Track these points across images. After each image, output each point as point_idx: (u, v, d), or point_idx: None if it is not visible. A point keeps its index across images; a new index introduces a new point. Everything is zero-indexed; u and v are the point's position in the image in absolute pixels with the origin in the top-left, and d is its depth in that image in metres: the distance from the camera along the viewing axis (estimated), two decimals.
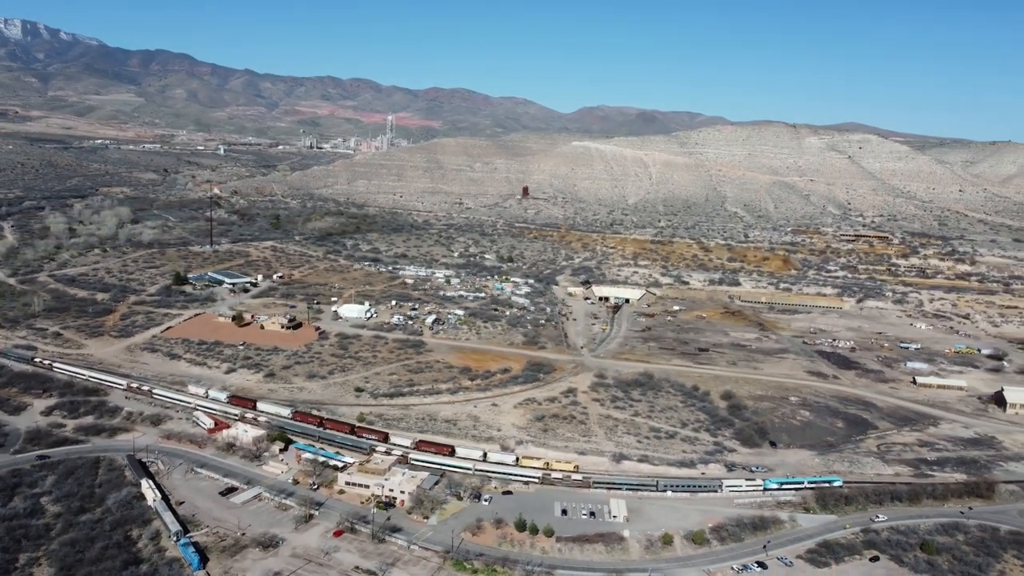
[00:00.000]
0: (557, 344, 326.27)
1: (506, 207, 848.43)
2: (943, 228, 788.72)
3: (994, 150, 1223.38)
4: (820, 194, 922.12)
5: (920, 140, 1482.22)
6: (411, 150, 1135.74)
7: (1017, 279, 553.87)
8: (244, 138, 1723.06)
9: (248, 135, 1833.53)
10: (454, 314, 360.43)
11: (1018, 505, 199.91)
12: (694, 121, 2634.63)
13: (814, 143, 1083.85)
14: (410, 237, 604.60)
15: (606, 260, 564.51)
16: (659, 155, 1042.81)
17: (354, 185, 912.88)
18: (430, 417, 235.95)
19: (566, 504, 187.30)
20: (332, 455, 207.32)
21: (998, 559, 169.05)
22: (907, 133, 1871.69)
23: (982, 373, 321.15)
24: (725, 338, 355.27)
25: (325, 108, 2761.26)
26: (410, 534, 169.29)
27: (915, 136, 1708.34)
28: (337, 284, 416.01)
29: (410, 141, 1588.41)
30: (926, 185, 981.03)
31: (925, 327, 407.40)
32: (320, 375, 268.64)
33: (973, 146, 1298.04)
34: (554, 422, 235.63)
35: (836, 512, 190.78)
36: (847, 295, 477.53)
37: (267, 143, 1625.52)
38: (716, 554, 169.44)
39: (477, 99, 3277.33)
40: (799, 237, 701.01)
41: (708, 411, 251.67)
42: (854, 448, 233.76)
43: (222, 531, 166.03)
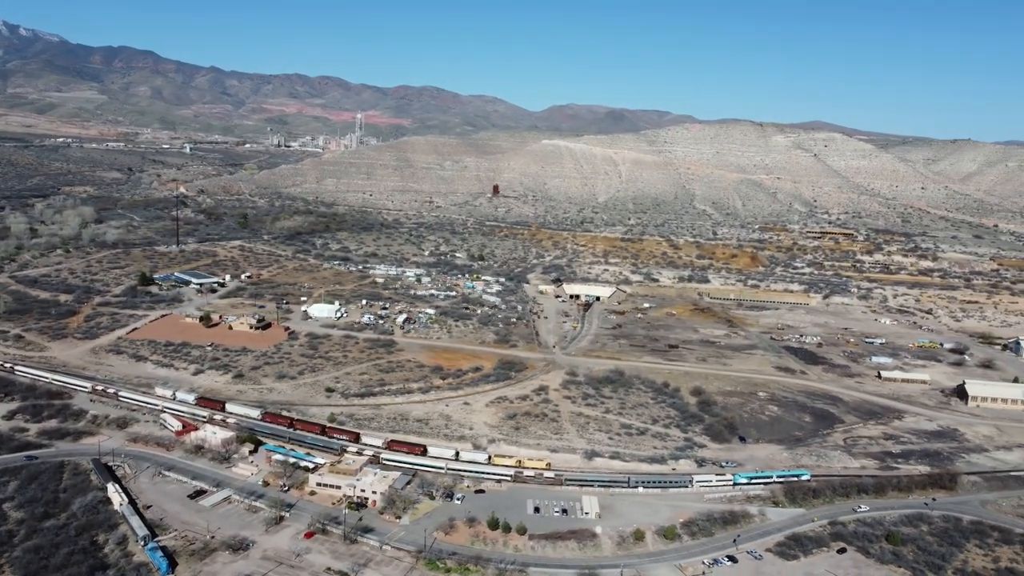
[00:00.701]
0: (528, 342, 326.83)
1: (476, 205, 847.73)
2: (906, 225, 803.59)
3: (954, 148, 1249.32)
4: (787, 192, 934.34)
5: (883, 138, 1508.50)
6: (381, 148, 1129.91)
7: (977, 275, 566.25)
8: (210, 136, 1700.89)
9: (214, 133, 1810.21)
10: (425, 313, 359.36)
11: (980, 495, 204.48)
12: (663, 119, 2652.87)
13: (780, 141, 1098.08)
14: (380, 236, 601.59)
15: (577, 258, 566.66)
16: (628, 153, 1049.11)
17: (323, 184, 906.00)
18: (402, 416, 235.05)
19: (538, 502, 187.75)
20: (303, 456, 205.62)
21: (961, 548, 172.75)
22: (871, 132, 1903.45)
23: (944, 367, 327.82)
24: (694, 335, 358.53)
25: (293, 106, 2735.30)
26: (382, 534, 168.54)
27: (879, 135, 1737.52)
28: (306, 283, 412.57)
29: (380, 139, 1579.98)
30: (889, 183, 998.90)
31: (889, 322, 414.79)
32: (290, 375, 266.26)
33: (934, 144, 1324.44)
34: (526, 420, 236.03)
35: (804, 505, 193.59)
36: (813, 291, 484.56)
37: (234, 141, 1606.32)
38: (687, 549, 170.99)
39: (447, 97, 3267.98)
40: (766, 234, 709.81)
41: (678, 407, 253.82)
42: (821, 442, 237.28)
43: (191, 535, 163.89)
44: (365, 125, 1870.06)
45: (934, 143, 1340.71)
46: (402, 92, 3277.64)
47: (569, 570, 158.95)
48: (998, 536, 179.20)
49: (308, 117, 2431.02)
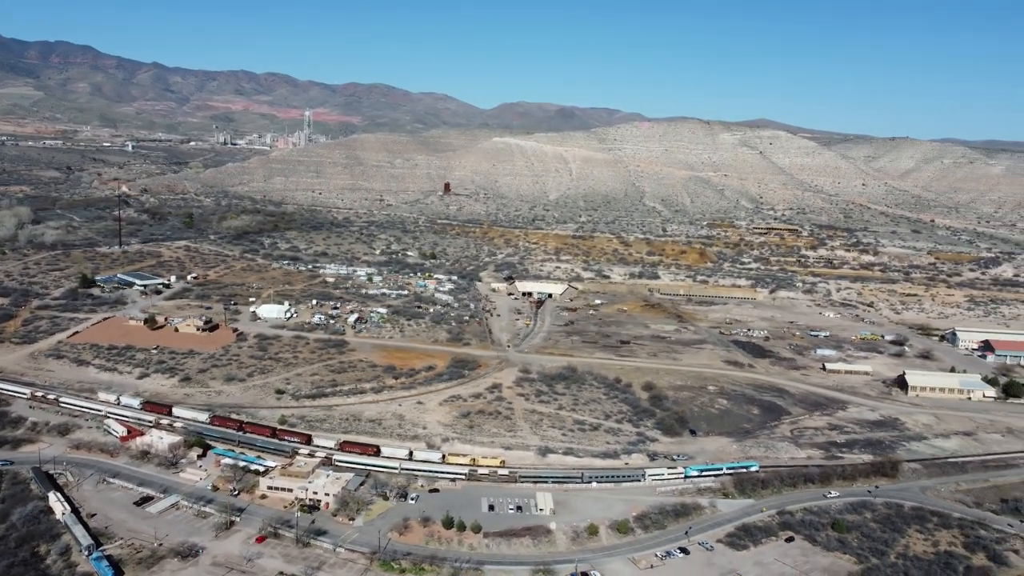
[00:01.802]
0: (481, 340, 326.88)
1: (428, 203, 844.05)
2: (848, 220, 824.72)
3: (893, 146, 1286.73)
4: (734, 188, 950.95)
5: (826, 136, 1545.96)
6: (330, 146, 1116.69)
7: (916, 268, 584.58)
8: (154, 134, 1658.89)
9: (158, 131, 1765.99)
10: (377, 312, 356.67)
11: (920, 482, 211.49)
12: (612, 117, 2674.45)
13: (727, 139, 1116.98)
14: (330, 235, 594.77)
15: (528, 255, 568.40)
16: (579, 151, 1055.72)
17: (271, 182, 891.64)
18: (354, 417, 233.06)
19: (493, 499, 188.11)
20: (253, 459, 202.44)
21: (902, 534, 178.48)
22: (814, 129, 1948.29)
23: (886, 358, 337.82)
24: (645, 330, 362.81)
25: (239, 103, 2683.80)
26: (336, 536, 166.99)
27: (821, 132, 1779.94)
28: (255, 284, 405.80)
29: (329, 137, 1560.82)
30: (832, 179, 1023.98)
31: (833, 315, 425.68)
32: (239, 378, 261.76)
33: (874, 142, 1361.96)
34: (480, 418, 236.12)
35: (753, 496, 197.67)
36: (760, 286, 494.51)
37: (178, 139, 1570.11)
38: (640, 542, 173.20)
39: (397, 95, 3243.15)
40: (714, 230, 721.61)
41: (630, 402, 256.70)
42: (769, 434, 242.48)
43: (138, 542, 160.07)
44: (314, 123, 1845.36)
45: (874, 141, 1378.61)
46: (351, 89, 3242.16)
47: (524, 566, 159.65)
48: (937, 521, 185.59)
49: (255, 114, 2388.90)
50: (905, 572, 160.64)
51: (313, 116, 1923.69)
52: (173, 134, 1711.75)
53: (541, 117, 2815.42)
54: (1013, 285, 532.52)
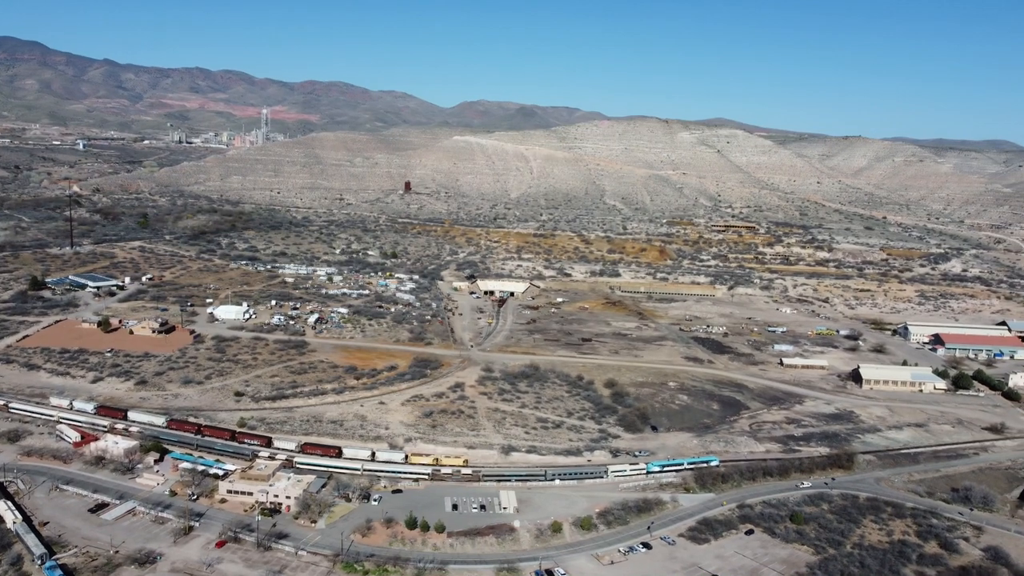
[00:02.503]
0: (444, 339, 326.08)
1: (388, 202, 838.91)
2: (804, 218, 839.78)
3: (847, 144, 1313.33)
4: (692, 187, 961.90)
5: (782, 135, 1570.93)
6: (288, 145, 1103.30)
7: (869, 264, 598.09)
8: (106, 132, 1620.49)
9: (110, 129, 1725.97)
10: (337, 312, 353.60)
11: (874, 473, 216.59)
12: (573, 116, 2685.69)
13: (686, 138, 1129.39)
14: (289, 234, 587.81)
15: (490, 254, 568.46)
16: (540, 150, 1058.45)
17: (228, 181, 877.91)
18: (315, 419, 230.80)
19: (457, 499, 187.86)
20: (212, 463, 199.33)
21: (858, 524, 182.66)
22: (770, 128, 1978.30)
23: (841, 352, 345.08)
24: (607, 328, 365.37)
25: (194, 101, 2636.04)
26: (297, 539, 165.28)
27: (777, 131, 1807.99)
28: (212, 285, 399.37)
29: (287, 135, 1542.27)
30: (788, 177, 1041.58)
31: (790, 311, 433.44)
32: (196, 380, 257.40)
33: (829, 140, 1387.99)
34: (442, 417, 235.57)
35: (714, 490, 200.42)
36: (719, 283, 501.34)
37: (132, 137, 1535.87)
38: (604, 538, 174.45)
39: (356, 92, 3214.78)
40: (674, 228, 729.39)
41: (592, 399, 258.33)
42: (729, 428, 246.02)
43: (93, 550, 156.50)
44: (271, 121, 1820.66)
45: (828, 139, 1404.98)
46: (309, 87, 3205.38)
47: (488, 565, 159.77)
48: (891, 511, 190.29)
49: (211, 112, 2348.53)
50: (861, 561, 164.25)
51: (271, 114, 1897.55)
52: (126, 132, 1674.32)
53: (502, 116, 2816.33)
54: (961, 280, 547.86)
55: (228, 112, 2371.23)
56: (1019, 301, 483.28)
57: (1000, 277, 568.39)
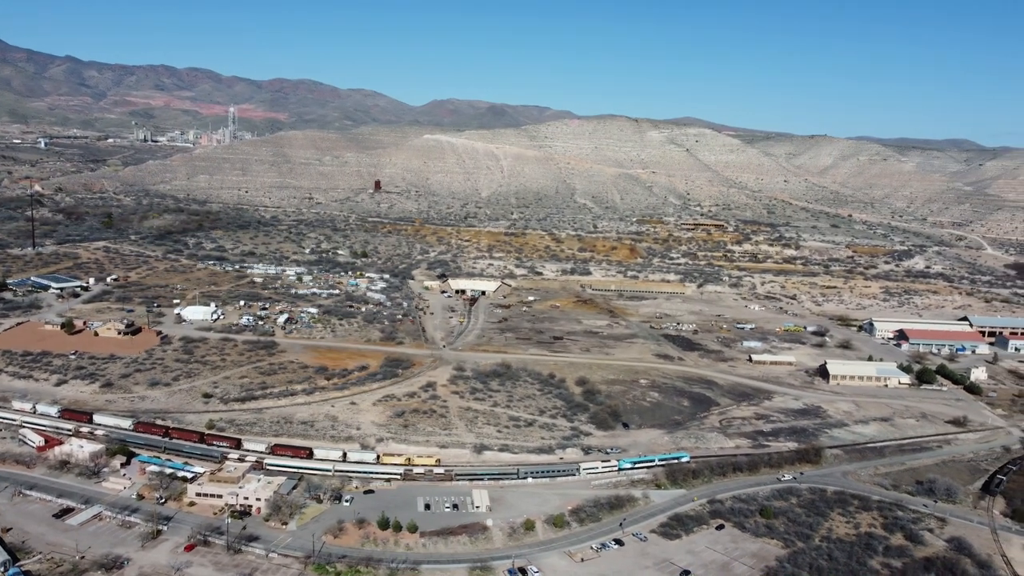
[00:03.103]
0: (415, 339, 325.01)
1: (358, 201, 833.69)
2: (771, 216, 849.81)
3: (812, 143, 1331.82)
4: (662, 185, 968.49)
5: (749, 134, 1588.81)
6: (256, 143, 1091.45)
7: (835, 261, 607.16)
8: (68, 130, 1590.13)
9: (73, 127, 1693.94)
10: (307, 312, 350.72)
11: (841, 467, 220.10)
12: (543, 115, 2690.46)
13: (655, 137, 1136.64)
14: (257, 234, 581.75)
15: (461, 253, 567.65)
16: (510, 148, 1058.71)
17: (194, 180, 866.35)
18: (286, 420, 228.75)
19: (429, 498, 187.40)
20: (180, 466, 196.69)
21: (826, 518, 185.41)
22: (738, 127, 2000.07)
23: (808, 348, 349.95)
24: (578, 326, 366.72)
25: (160, 99, 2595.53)
26: (268, 542, 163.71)
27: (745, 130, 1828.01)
28: (179, 285, 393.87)
29: (255, 134, 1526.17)
30: (755, 176, 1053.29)
31: (758, 308, 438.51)
32: (164, 382, 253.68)
33: (795, 139, 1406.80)
34: (414, 417, 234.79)
35: (685, 486, 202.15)
36: (689, 281, 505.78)
37: (95, 136, 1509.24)
38: (576, 535, 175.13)
39: (324, 91, 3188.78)
40: (644, 227, 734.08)
41: (564, 397, 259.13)
42: (699, 424, 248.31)
43: (58, 556, 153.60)
44: (239, 119, 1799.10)
45: (795, 138, 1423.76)
46: (277, 85, 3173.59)
47: (461, 564, 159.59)
48: (858, 504, 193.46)
49: (177, 110, 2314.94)
50: (829, 554, 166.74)
51: (238, 112, 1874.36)
52: (89, 130, 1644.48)
53: (472, 114, 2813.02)
54: (924, 276, 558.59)
55: (194, 110, 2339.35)
56: (980, 297, 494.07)
57: (962, 273, 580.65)
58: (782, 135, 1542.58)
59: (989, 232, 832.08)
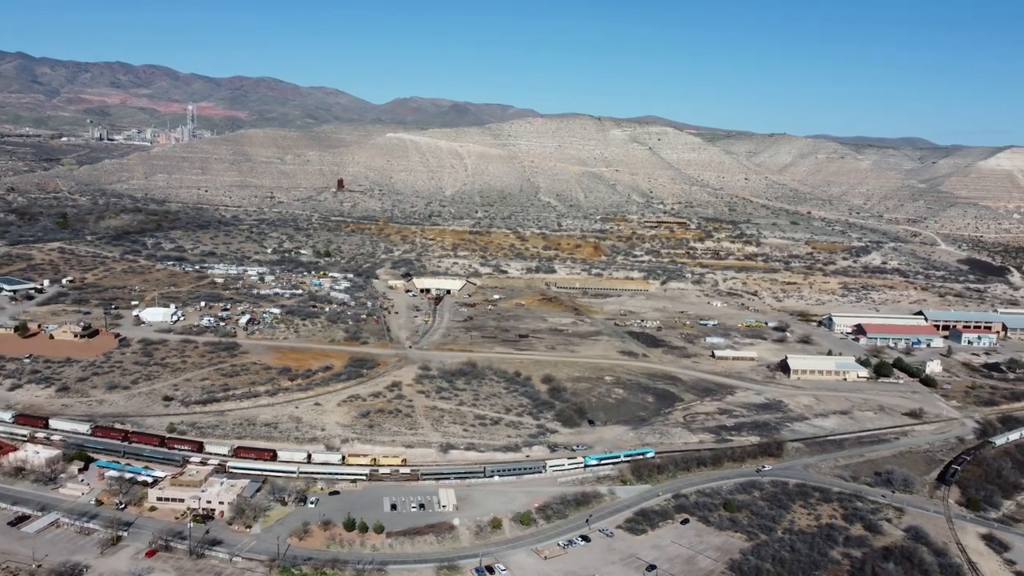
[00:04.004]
0: (380, 338, 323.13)
1: (321, 200, 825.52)
2: (732, 213, 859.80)
3: (772, 141, 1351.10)
4: (625, 183, 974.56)
5: (710, 132, 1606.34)
6: (216, 142, 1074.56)
7: (795, 258, 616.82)
8: (19, 129, 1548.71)
9: (25, 125, 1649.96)
10: (270, 313, 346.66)
11: (803, 460, 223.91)
12: (506, 113, 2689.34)
13: (618, 135, 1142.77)
14: (218, 234, 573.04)
15: (426, 252, 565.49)
16: (474, 147, 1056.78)
17: (152, 179, 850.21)
18: (248, 422, 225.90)
19: (395, 499, 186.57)
20: (140, 470, 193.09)
21: (788, 510, 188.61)
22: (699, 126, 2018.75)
23: (769, 344, 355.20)
24: (543, 324, 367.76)
25: (115, 96, 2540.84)
26: (232, 545, 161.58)
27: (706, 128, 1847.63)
28: (138, 286, 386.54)
29: (214, 132, 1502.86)
30: (717, 174, 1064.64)
31: (720, 305, 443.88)
32: (122, 385, 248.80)
33: (755, 138, 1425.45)
34: (380, 417, 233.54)
35: (650, 482, 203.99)
36: (652, 278, 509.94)
37: (48, 134, 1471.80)
38: (543, 532, 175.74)
39: (285, 88, 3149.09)
40: (608, 225, 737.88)
41: (530, 395, 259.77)
42: (663, 420, 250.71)
43: (14, 565, 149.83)
44: (198, 117, 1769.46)
45: (755, 137, 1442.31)
46: (237, 83, 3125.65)
47: (428, 564, 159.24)
48: (819, 496, 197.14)
49: (133, 108, 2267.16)
50: (791, 546, 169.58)
51: (197, 110, 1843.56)
52: (42, 129, 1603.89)
53: (435, 112, 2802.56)
54: (881, 272, 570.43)
55: (152, 108, 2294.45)
56: (934, 292, 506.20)
57: (917, 269, 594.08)
58: (743, 133, 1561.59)
59: (942, 228, 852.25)
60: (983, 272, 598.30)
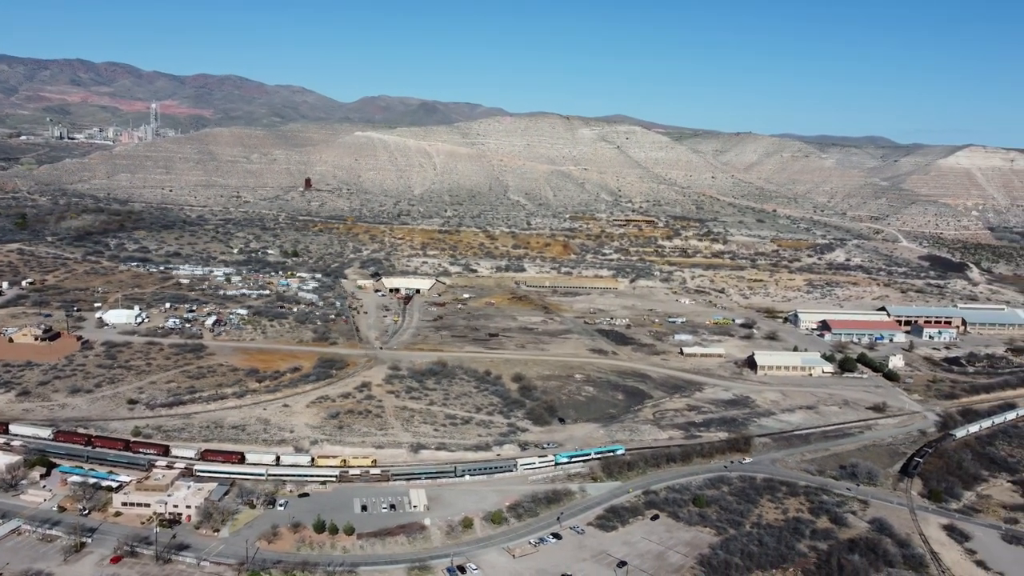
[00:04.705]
0: (349, 339, 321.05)
1: (288, 200, 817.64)
2: (700, 211, 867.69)
3: (738, 140, 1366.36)
4: (593, 182, 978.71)
5: (678, 131, 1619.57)
6: (180, 141, 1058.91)
7: (761, 255, 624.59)
8: None
9: None
10: (236, 313, 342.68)
11: (770, 455, 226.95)
12: (475, 112, 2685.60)
13: (586, 134, 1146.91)
14: (183, 234, 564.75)
15: (395, 251, 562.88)
16: (443, 146, 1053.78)
17: (115, 179, 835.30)
18: (216, 424, 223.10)
19: (366, 500, 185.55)
20: (104, 475, 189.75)
21: (756, 504, 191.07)
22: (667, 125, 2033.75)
23: (737, 340, 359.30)
24: (513, 322, 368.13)
25: (76, 94, 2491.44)
26: (199, 550, 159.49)
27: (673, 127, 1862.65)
28: (100, 288, 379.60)
29: (178, 131, 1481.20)
30: (684, 172, 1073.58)
31: (688, 302, 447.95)
32: (85, 389, 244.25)
33: (722, 137, 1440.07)
34: (349, 418, 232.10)
35: (620, 478, 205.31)
36: (621, 276, 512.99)
37: (6, 133, 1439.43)
38: (514, 531, 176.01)
39: (251, 87, 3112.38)
40: (577, 223, 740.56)
41: (500, 394, 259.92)
42: (633, 417, 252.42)
43: None
44: (161, 116, 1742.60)
45: (721, 135, 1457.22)
46: (202, 81, 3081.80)
47: (399, 565, 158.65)
48: (786, 490, 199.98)
49: (95, 107, 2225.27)
50: (759, 540, 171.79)
51: (160, 109, 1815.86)
52: (0, 127, 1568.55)
53: (403, 111, 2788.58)
54: (845, 268, 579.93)
55: (114, 106, 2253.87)
56: (896, 287, 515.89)
57: (879, 265, 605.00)
58: (709, 132, 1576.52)
59: (904, 225, 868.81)
60: (943, 268, 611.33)
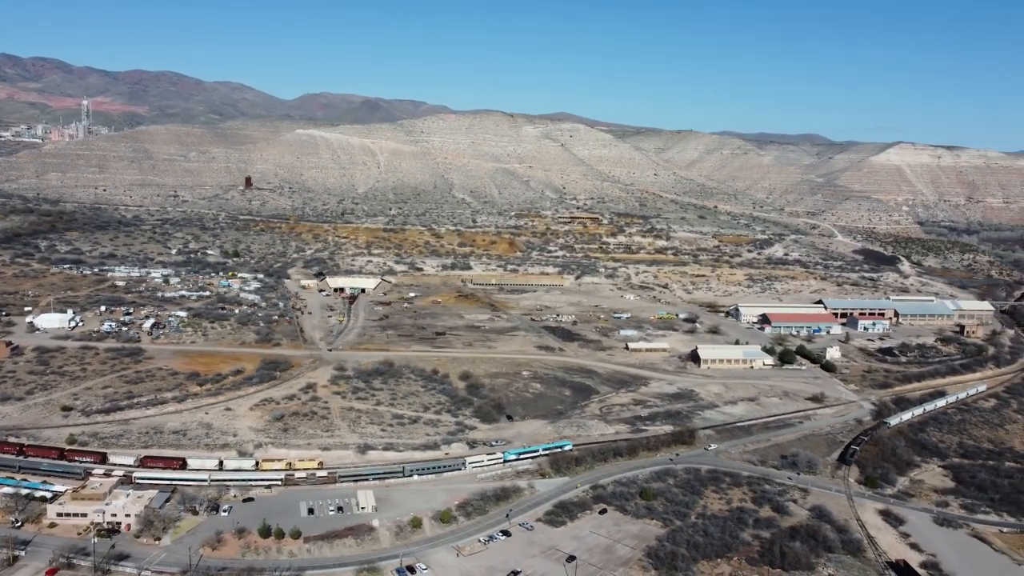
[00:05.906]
0: (293, 339, 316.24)
1: (228, 199, 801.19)
2: (643, 208, 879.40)
3: (680, 138, 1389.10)
4: (538, 180, 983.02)
5: (621, 129, 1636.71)
6: (114, 139, 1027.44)
7: (703, 251, 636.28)
8: None
9: None
10: (176, 316, 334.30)
11: (714, 447, 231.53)
12: (419, 110, 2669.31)
13: (530, 132, 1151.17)
14: (118, 235, 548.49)
15: (339, 250, 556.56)
16: (386, 143, 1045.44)
17: (45, 178, 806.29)
18: (155, 430, 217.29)
19: (312, 503, 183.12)
20: (38, 485, 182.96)
21: (701, 495, 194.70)
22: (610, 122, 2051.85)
23: (681, 335, 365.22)
24: (460, 321, 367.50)
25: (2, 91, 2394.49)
26: (140, 559, 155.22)
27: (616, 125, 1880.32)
28: (31, 291, 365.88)
29: (112, 129, 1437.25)
30: (627, 170, 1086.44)
31: (633, 298, 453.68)
32: (16, 396, 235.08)
33: (664, 134, 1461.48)
34: (294, 420, 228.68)
35: (568, 474, 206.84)
36: (567, 273, 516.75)
37: None
38: (463, 530, 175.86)
39: (188, 83, 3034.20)
40: (522, 220, 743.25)
41: (448, 393, 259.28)
42: (580, 413, 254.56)
43: None
44: (94, 113, 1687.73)
45: (663, 133, 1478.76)
46: (136, 77, 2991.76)
47: (348, 567, 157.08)
48: (730, 480, 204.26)
49: (22, 103, 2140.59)
50: (705, 530, 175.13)
51: (93, 105, 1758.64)
52: None
53: (346, 108, 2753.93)
54: (783, 263, 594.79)
55: (42, 103, 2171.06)
56: (833, 281, 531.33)
57: (816, 260, 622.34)
58: (652, 130, 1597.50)
59: (839, 220, 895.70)
60: (876, 262, 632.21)
